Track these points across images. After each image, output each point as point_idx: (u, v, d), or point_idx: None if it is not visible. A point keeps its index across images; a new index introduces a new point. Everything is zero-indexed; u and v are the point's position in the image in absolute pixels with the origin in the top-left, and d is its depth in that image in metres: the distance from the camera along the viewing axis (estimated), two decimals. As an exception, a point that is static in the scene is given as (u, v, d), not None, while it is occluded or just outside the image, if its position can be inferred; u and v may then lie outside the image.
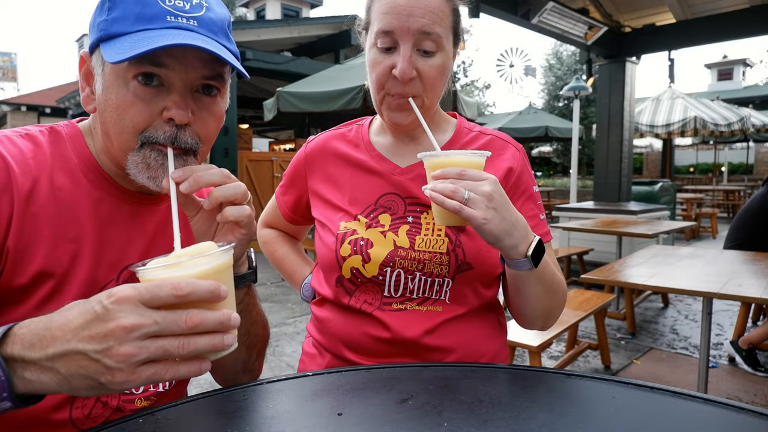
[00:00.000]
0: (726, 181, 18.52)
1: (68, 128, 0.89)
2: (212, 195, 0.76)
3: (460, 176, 0.81)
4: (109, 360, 0.53)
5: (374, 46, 0.98)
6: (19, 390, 0.57)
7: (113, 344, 0.53)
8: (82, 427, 0.84)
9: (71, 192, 0.83)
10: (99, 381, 0.55)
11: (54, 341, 0.55)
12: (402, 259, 1.01)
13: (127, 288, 0.55)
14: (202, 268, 0.61)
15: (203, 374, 0.61)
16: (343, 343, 1.05)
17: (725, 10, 5.77)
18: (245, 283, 0.89)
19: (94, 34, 0.79)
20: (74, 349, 0.54)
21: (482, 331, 1.06)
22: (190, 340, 0.56)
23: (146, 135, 0.80)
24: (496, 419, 0.69)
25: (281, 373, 3.07)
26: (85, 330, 0.54)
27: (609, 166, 6.51)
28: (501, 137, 1.13)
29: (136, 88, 0.78)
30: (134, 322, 0.53)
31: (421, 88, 0.98)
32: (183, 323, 0.55)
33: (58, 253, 0.80)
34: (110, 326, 0.53)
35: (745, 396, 3.03)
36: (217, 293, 0.57)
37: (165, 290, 0.55)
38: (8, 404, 0.57)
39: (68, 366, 0.55)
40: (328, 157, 1.14)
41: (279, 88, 6.47)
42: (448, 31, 0.98)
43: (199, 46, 0.75)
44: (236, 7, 26.65)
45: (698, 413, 0.72)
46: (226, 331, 0.59)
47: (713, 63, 30.69)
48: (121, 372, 0.54)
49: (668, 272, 2.61)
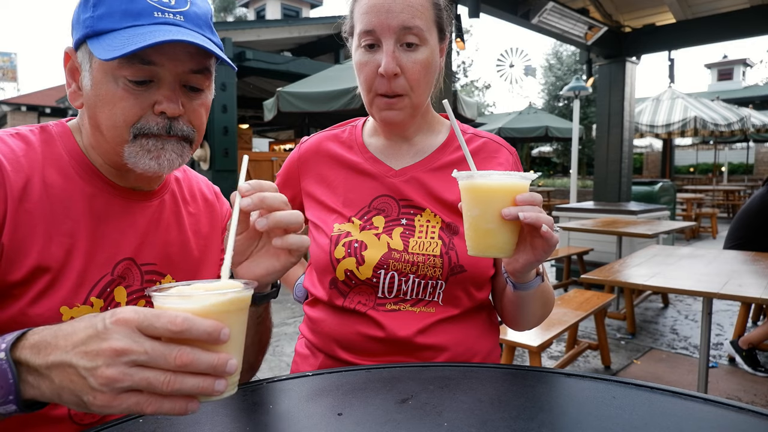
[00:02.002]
0: (726, 181, 18.51)
1: (58, 127, 0.90)
2: (274, 218, 0.72)
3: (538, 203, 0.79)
4: (93, 380, 0.53)
5: (359, 47, 1.00)
6: (24, 395, 0.57)
7: (101, 364, 0.52)
8: (80, 422, 0.84)
9: (64, 188, 0.84)
10: (82, 399, 0.54)
11: (56, 350, 0.55)
12: (396, 262, 1.01)
13: (130, 311, 0.54)
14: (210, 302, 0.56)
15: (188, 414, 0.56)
16: (336, 342, 1.05)
17: (725, 10, 5.76)
18: (267, 300, 0.87)
19: (80, 31, 0.80)
20: (68, 361, 0.54)
21: (475, 330, 1.07)
22: (177, 378, 0.53)
23: (138, 127, 0.81)
24: (496, 419, 0.69)
25: (281, 373, 3.07)
26: (84, 345, 0.54)
27: (609, 166, 6.51)
28: (494, 140, 1.13)
29: (126, 84, 0.79)
30: (124, 347, 0.52)
31: (407, 86, 0.98)
32: (172, 359, 0.52)
33: (53, 249, 0.81)
34: (103, 346, 0.53)
35: (745, 396, 3.03)
36: (216, 336, 0.53)
37: (161, 322, 0.53)
38: (13, 407, 0.57)
39: (61, 377, 0.55)
40: (322, 158, 1.14)
41: (279, 88, 6.46)
42: (430, 24, 0.99)
43: (189, 41, 0.77)
44: (236, 7, 26.65)
45: (698, 413, 0.72)
46: (220, 377, 0.55)
47: (713, 63, 30.69)
48: (103, 395, 0.53)
49: (668, 272, 2.61)
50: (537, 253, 0.81)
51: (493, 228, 0.79)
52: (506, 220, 0.76)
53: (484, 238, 0.80)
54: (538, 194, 0.79)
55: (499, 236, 0.79)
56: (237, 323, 0.59)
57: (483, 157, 1.09)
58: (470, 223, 0.81)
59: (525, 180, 0.80)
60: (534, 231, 0.78)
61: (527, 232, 0.80)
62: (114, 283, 0.88)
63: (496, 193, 0.78)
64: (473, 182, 0.80)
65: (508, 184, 0.79)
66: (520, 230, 0.81)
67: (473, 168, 0.84)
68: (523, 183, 0.80)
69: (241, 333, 0.60)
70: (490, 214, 0.78)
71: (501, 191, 0.78)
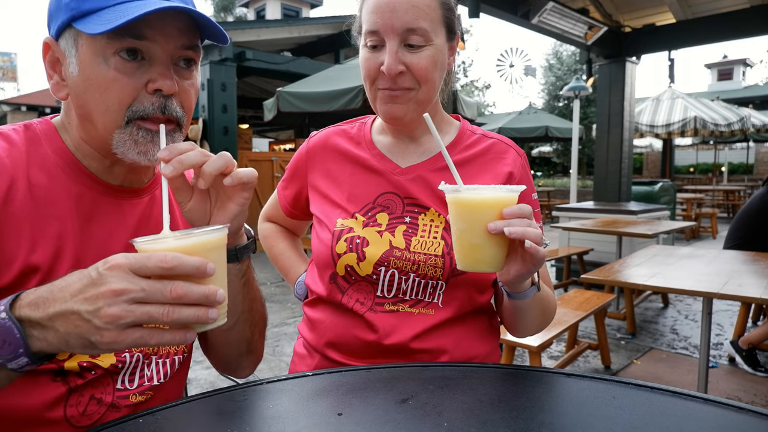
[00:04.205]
0: (726, 181, 18.51)
1: (42, 125, 0.87)
2: (205, 172, 0.75)
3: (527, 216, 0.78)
4: (98, 320, 0.58)
5: (365, 46, 1.00)
6: (31, 348, 0.61)
7: (102, 305, 0.57)
8: (77, 425, 0.83)
9: (49, 189, 0.82)
10: (90, 340, 0.59)
11: (54, 302, 0.60)
12: (397, 260, 1.01)
13: (120, 257, 0.59)
14: (191, 242, 0.64)
15: (188, 343, 0.64)
16: (332, 344, 1.05)
17: (725, 10, 5.76)
18: (247, 253, 0.90)
19: (63, 15, 0.78)
20: (70, 309, 0.59)
21: (474, 333, 1.07)
22: (174, 309, 0.59)
23: (133, 110, 0.80)
24: (496, 419, 0.69)
25: (281, 373, 3.07)
26: (81, 293, 0.59)
27: (609, 166, 6.50)
28: (503, 141, 1.13)
29: (117, 63, 0.78)
30: (122, 287, 0.58)
31: (413, 80, 0.98)
32: (168, 293, 0.58)
33: (40, 251, 0.79)
34: (102, 290, 0.58)
35: (745, 396, 3.03)
36: (203, 269, 0.60)
37: (152, 261, 0.59)
38: (25, 359, 0.61)
39: (65, 325, 0.60)
40: (329, 153, 1.14)
41: (279, 88, 6.47)
42: (436, 24, 0.98)
43: (184, 8, 0.76)
44: (236, 7, 26.66)
45: (698, 413, 0.72)
46: (212, 306, 0.61)
47: (713, 63, 30.69)
48: (109, 332, 0.58)
49: (668, 272, 2.61)
50: (527, 265, 0.80)
51: (481, 243, 0.78)
52: (494, 234, 0.75)
53: (472, 252, 0.79)
54: (526, 205, 0.77)
55: (487, 251, 0.78)
56: (218, 260, 0.67)
57: (490, 158, 1.09)
58: (458, 237, 0.80)
59: (513, 193, 0.78)
60: (523, 244, 0.78)
61: (518, 244, 0.79)
62: None
63: (483, 207, 0.77)
64: (459, 196, 0.79)
65: (495, 197, 0.77)
66: (510, 242, 0.79)
67: (459, 182, 0.83)
68: (511, 196, 0.78)
69: (223, 269, 0.69)
70: (477, 228, 0.77)
71: (487, 205, 0.77)
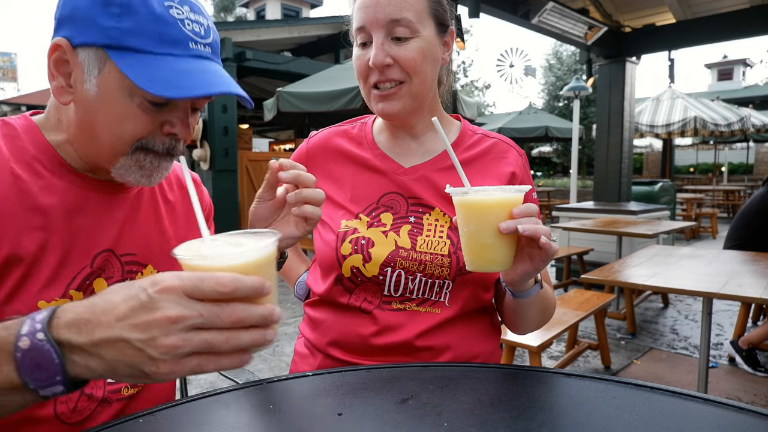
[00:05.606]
0: (726, 181, 18.51)
1: (22, 120, 0.87)
2: (302, 194, 0.85)
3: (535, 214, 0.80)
4: (153, 351, 0.53)
5: (356, 44, 1.02)
6: (69, 373, 0.56)
7: (158, 335, 0.53)
8: (68, 421, 0.83)
9: (31, 182, 0.82)
10: (143, 371, 0.55)
11: (99, 326, 0.55)
12: (403, 260, 1.00)
13: (172, 277, 0.55)
14: (246, 260, 0.59)
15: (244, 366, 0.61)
16: (335, 342, 1.05)
17: (725, 10, 5.76)
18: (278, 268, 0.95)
19: (98, 37, 0.75)
20: (118, 336, 0.54)
21: (476, 332, 1.07)
22: (233, 334, 0.55)
23: (142, 143, 0.82)
24: (496, 419, 0.69)
25: (281, 373, 3.07)
26: (130, 318, 0.54)
27: (609, 166, 6.50)
28: (504, 141, 1.13)
29: (143, 104, 0.79)
30: (179, 314, 0.53)
31: (402, 72, 0.98)
32: (226, 318, 0.55)
33: (24, 242, 0.79)
34: (155, 316, 0.53)
35: (745, 396, 3.03)
36: (261, 290, 0.56)
37: (208, 285, 0.54)
38: (60, 388, 0.57)
39: (113, 353, 0.55)
40: (330, 153, 1.14)
41: (279, 88, 6.46)
42: (423, 16, 0.98)
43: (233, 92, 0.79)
44: (236, 7, 26.66)
45: (698, 413, 0.72)
46: (269, 327, 0.58)
47: (713, 63, 30.69)
48: (166, 363, 0.54)
49: (668, 272, 2.61)
50: (535, 263, 0.81)
51: (491, 242, 0.79)
52: (504, 234, 0.77)
53: (483, 253, 0.80)
54: (533, 205, 0.79)
55: (498, 250, 0.80)
56: (271, 275, 0.63)
57: (492, 158, 1.10)
58: (467, 238, 0.81)
59: (520, 193, 0.80)
60: (532, 242, 0.79)
61: (525, 243, 0.81)
62: (93, 275, 0.87)
63: (493, 208, 0.78)
64: (468, 198, 0.80)
65: (504, 198, 0.79)
66: (518, 242, 0.81)
67: (467, 184, 0.84)
68: (518, 196, 0.80)
69: (276, 282, 0.66)
70: (488, 229, 0.78)
71: (497, 206, 0.78)
